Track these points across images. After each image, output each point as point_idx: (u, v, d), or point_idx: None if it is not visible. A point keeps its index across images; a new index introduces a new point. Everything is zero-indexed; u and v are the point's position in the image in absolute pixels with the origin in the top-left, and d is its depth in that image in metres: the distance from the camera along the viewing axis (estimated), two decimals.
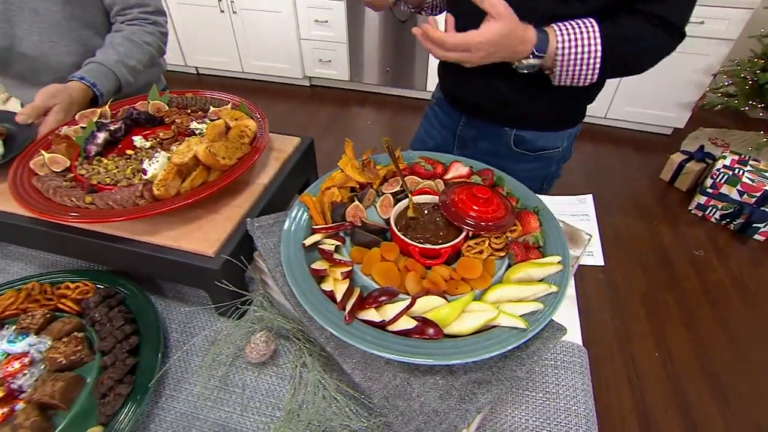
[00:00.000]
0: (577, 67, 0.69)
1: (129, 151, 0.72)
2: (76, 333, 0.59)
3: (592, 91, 0.84)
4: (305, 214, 0.64)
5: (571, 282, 0.72)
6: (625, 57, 0.69)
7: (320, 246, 0.58)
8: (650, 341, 1.59)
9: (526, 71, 0.71)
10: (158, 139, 0.75)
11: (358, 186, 0.69)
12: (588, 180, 2.35)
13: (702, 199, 2.07)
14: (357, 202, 0.64)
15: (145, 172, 0.65)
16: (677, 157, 2.28)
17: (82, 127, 0.75)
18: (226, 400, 0.57)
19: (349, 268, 0.54)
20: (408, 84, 2.92)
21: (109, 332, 0.58)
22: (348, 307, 0.50)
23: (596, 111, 2.68)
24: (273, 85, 3.18)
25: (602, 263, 0.77)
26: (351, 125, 2.75)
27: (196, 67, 3.30)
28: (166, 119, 0.80)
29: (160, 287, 0.71)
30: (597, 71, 0.69)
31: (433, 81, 2.83)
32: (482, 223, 0.58)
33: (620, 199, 2.23)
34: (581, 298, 0.70)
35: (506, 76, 0.75)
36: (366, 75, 2.97)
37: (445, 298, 0.52)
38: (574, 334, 0.65)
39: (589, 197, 0.88)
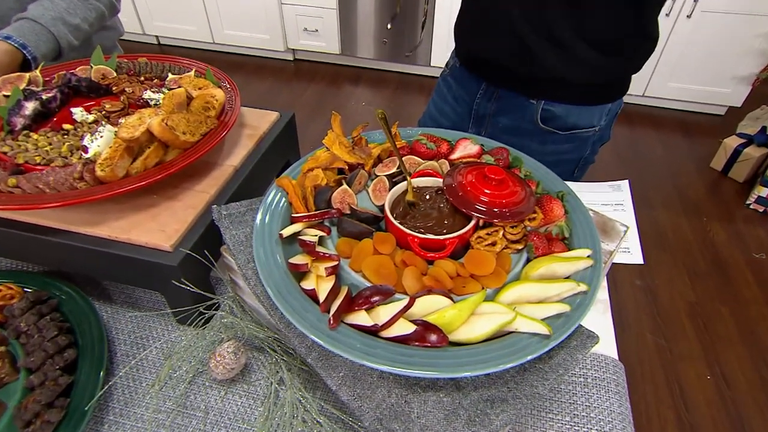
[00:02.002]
0: None
1: (66, 126, 0.71)
2: None
3: (638, 54, 0.83)
4: (283, 199, 0.63)
5: (604, 283, 0.72)
6: None
7: (301, 237, 0.57)
8: (700, 361, 1.59)
9: None
10: (103, 112, 0.74)
11: (346, 167, 0.68)
12: (623, 169, 2.36)
13: (764, 192, 2.07)
14: (345, 186, 0.64)
15: (85, 149, 0.64)
16: (732, 142, 2.28)
17: (5, 96, 0.74)
18: (185, 427, 0.56)
19: (336, 263, 0.54)
20: (409, 58, 2.93)
21: (38, 345, 0.57)
22: (333, 309, 0.49)
23: (633, 88, 2.66)
24: (249, 59, 3.19)
25: (641, 261, 0.77)
26: (342, 107, 2.76)
27: (157, 36, 3.30)
28: (114, 88, 0.79)
29: (105, 290, 0.70)
30: None
31: (438, 55, 2.83)
32: (495, 210, 0.58)
33: (662, 192, 2.24)
34: (614, 307, 0.70)
35: (540, 31, 0.75)
36: (359, 48, 2.97)
37: (451, 299, 0.51)
38: (607, 346, 0.65)
39: (625, 183, 0.87)
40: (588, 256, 0.57)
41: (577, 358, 0.52)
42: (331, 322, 0.49)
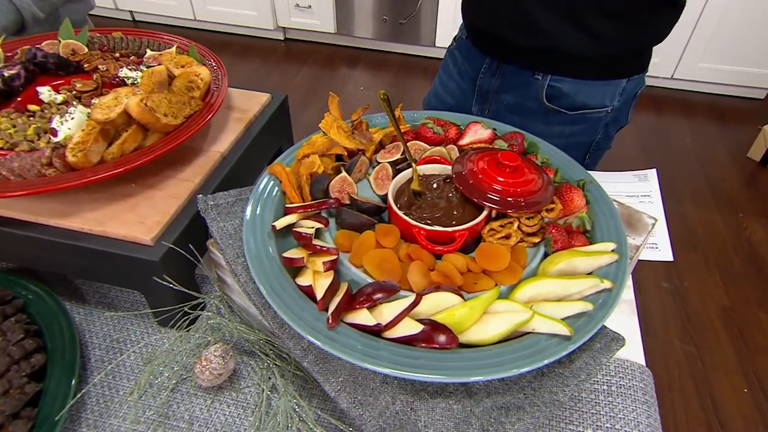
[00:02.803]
0: None
1: (32, 107, 0.71)
2: None
3: (659, 23, 0.83)
4: (276, 189, 0.63)
5: (629, 282, 0.73)
6: None
7: (296, 229, 0.58)
8: (736, 373, 1.59)
9: None
10: (74, 92, 0.74)
11: (345, 153, 0.69)
12: (649, 159, 2.37)
13: None
14: (344, 174, 0.65)
15: (55, 132, 0.64)
16: None
17: None
18: None
19: (334, 258, 0.54)
20: (412, 38, 2.93)
21: (2, 349, 0.57)
22: (332, 308, 0.50)
23: (661, 69, 2.69)
24: (235, 38, 3.19)
25: (671, 258, 0.77)
26: (338, 92, 2.72)
27: (131, 12, 3.31)
28: (85, 65, 0.79)
29: (78, 289, 0.71)
30: None
31: (443, 34, 2.84)
32: (510, 199, 0.58)
33: (692, 185, 2.25)
34: (640, 312, 0.71)
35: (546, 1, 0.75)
36: (357, 26, 2.97)
37: (461, 296, 0.52)
38: (633, 351, 0.65)
39: (653, 173, 0.88)
40: (612, 251, 0.58)
41: (601, 362, 0.53)
42: (330, 321, 0.49)
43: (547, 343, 0.50)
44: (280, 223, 0.58)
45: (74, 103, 0.71)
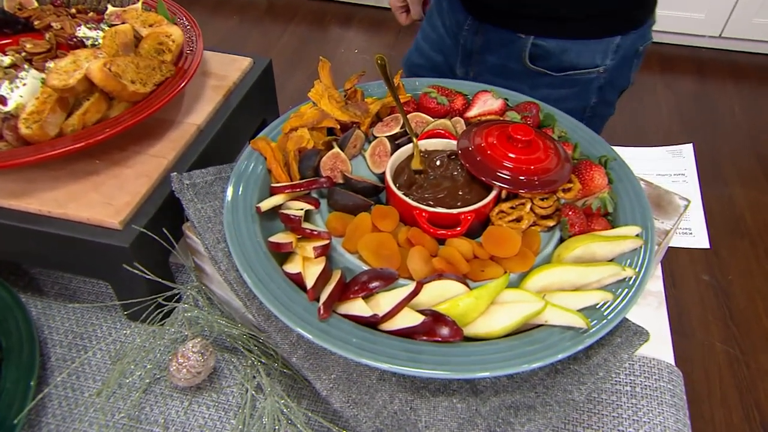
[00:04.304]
0: None
1: None
2: None
3: None
4: (261, 166, 0.65)
5: (658, 272, 0.75)
6: None
7: (283, 211, 0.59)
8: None
9: None
10: (24, 53, 0.75)
11: (338, 126, 0.70)
12: (687, 132, 2.36)
13: None
14: (337, 150, 0.66)
15: (4, 101, 0.65)
16: None
17: None
18: None
19: (326, 242, 0.56)
20: None
21: None
22: (324, 297, 0.52)
23: (706, 27, 2.67)
24: None
25: (707, 245, 0.79)
26: (329, 55, 2.70)
27: None
28: (36, 22, 0.79)
29: (33, 279, 0.72)
30: None
31: None
32: (522, 178, 0.60)
33: (740, 163, 2.24)
34: (673, 308, 0.72)
35: None
36: None
37: (467, 285, 0.53)
38: (661, 348, 0.67)
39: (688, 148, 0.90)
40: (637, 235, 0.59)
41: (621, 358, 0.54)
42: (322, 312, 0.51)
43: (561, 337, 0.51)
44: (266, 204, 0.60)
45: (26, 66, 0.71)
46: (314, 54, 2.73)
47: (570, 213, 0.60)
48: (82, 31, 0.77)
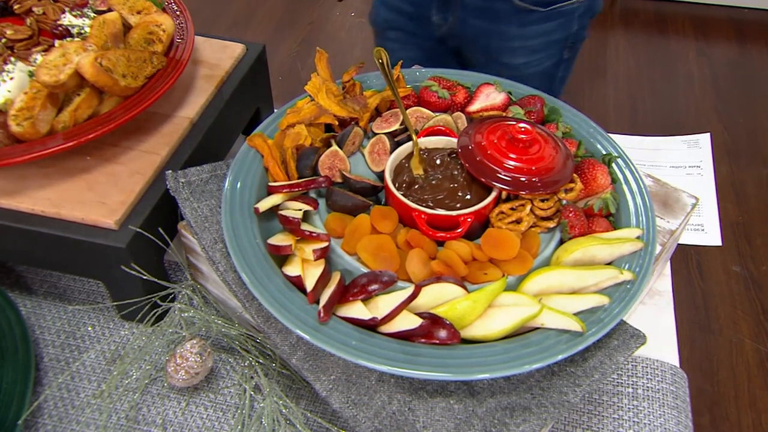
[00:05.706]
0: None
1: None
2: None
3: None
4: (257, 164, 0.70)
5: (666, 270, 0.82)
6: None
7: (281, 212, 0.64)
8: None
9: None
10: (4, 39, 0.78)
11: (336, 123, 0.75)
12: (717, 112, 2.33)
13: None
14: (335, 147, 0.71)
15: None
16: None
17: None
18: None
19: (325, 245, 0.62)
20: None
21: None
22: (323, 300, 0.58)
23: None
24: None
25: (719, 242, 0.87)
26: (322, 21, 2.71)
27: None
28: (16, 7, 0.83)
29: (21, 277, 0.77)
30: None
31: None
32: (523, 179, 0.65)
33: None
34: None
35: None
36: None
37: (465, 288, 0.60)
38: (666, 350, 0.74)
39: (705, 138, 0.97)
40: (637, 238, 0.66)
41: (617, 361, 0.61)
42: (321, 314, 0.57)
43: (557, 340, 0.58)
44: (264, 204, 0.65)
45: (12, 59, 0.76)
46: (303, 19, 2.70)
47: (570, 214, 0.65)
48: (68, 19, 0.81)
